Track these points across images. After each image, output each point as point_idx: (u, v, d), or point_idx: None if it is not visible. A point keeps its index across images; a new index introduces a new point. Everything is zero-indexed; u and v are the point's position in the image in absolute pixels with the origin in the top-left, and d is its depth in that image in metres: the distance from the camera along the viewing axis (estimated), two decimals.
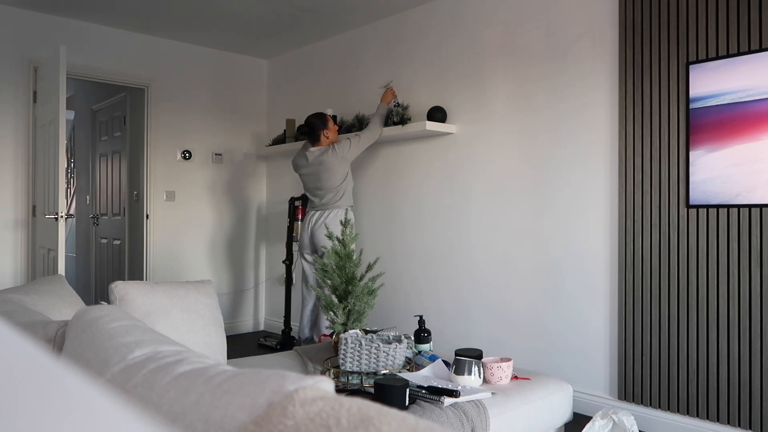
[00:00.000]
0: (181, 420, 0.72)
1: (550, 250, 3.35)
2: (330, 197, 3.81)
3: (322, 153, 3.80)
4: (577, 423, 2.94)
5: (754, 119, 2.58)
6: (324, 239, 3.70)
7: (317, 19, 4.43)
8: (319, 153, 3.81)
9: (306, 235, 3.93)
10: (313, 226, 3.87)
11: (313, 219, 3.88)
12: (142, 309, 2.09)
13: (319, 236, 3.80)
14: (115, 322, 1.10)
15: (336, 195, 3.81)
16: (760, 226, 2.56)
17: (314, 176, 3.84)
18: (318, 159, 3.80)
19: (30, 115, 4.23)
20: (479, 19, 3.74)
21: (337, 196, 3.81)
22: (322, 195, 3.84)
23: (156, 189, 4.88)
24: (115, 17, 4.41)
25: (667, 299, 2.85)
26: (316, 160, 3.81)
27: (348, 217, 3.61)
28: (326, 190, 3.81)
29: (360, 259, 2.84)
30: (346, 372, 2.29)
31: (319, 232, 3.79)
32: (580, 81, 3.23)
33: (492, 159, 3.65)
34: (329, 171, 3.76)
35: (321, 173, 3.79)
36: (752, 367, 2.58)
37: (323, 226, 3.74)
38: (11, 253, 4.19)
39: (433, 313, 3.98)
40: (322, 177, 3.79)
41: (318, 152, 3.82)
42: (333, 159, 3.76)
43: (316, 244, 3.84)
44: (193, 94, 5.06)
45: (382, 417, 0.58)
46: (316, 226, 3.84)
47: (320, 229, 3.78)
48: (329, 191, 3.80)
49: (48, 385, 0.26)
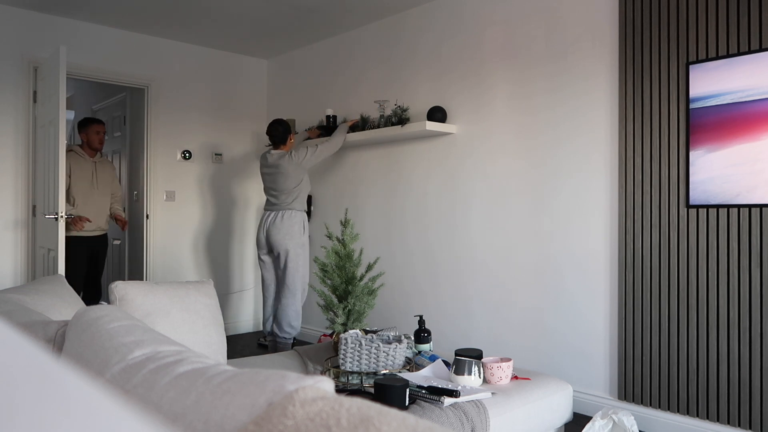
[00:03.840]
0: (181, 420, 0.72)
1: (550, 249, 3.35)
2: (283, 199, 4.08)
3: (280, 157, 4.08)
4: (577, 423, 2.94)
5: (754, 119, 2.58)
6: (279, 239, 4.01)
7: (317, 19, 4.43)
8: (278, 157, 4.09)
9: (262, 235, 4.17)
10: (268, 227, 4.12)
11: (269, 219, 4.13)
12: (142, 309, 2.09)
13: (273, 236, 4.05)
14: (115, 322, 1.10)
15: (289, 197, 4.07)
16: (760, 226, 2.56)
17: (271, 178, 4.12)
18: (276, 162, 4.08)
19: (30, 115, 4.23)
20: (479, 19, 3.74)
21: (290, 198, 4.07)
22: (276, 196, 4.11)
23: (156, 189, 4.88)
24: (115, 17, 4.41)
25: (667, 299, 2.85)
26: (275, 163, 4.09)
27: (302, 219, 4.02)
28: (280, 192, 4.08)
29: (360, 259, 2.84)
30: (346, 372, 2.29)
31: (273, 232, 4.05)
32: (580, 81, 3.23)
33: (492, 159, 3.65)
34: (284, 175, 4.04)
35: (277, 176, 4.07)
36: (752, 367, 2.58)
37: (278, 226, 4.02)
38: (11, 253, 4.19)
39: (433, 313, 3.98)
40: (277, 180, 4.07)
41: (277, 156, 4.11)
42: (289, 165, 4.03)
43: (272, 243, 4.08)
44: (193, 94, 5.06)
45: (382, 417, 0.58)
46: (270, 227, 4.09)
47: (273, 229, 4.05)
48: (282, 193, 4.07)
49: (48, 385, 0.26)
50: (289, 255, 4.04)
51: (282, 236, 4.03)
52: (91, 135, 4.38)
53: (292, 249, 4.04)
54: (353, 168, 4.62)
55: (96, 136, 4.40)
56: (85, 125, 4.41)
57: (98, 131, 4.41)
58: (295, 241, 4.05)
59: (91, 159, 4.40)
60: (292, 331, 4.11)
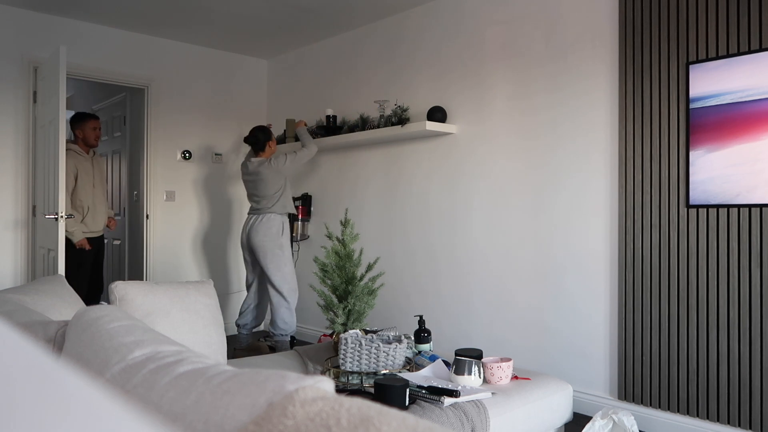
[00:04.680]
0: (181, 420, 0.72)
1: (550, 249, 3.35)
2: (264, 203, 4.22)
3: (260, 164, 4.22)
4: (577, 423, 2.94)
5: (754, 119, 2.58)
6: (257, 241, 4.16)
7: (317, 19, 4.43)
8: (258, 164, 4.23)
9: (244, 237, 4.32)
10: (248, 230, 4.26)
11: (249, 222, 4.28)
12: (142, 309, 2.09)
13: (252, 238, 4.19)
14: (115, 322, 1.10)
15: (269, 202, 4.21)
16: (760, 226, 2.56)
17: (252, 184, 4.27)
18: (256, 169, 4.22)
19: (30, 115, 4.23)
20: (479, 20, 3.74)
21: (270, 203, 4.20)
22: (258, 200, 4.25)
23: (156, 189, 4.88)
24: (115, 17, 4.41)
25: (667, 299, 2.85)
26: (255, 170, 4.22)
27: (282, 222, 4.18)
28: (261, 197, 4.22)
29: (360, 259, 2.84)
30: (346, 372, 2.29)
31: (252, 234, 4.20)
32: (580, 81, 3.23)
33: (492, 159, 3.65)
34: (264, 181, 4.18)
35: (257, 182, 4.22)
36: (752, 367, 2.58)
37: (256, 229, 4.17)
38: (11, 253, 4.19)
39: (433, 312, 3.99)
40: (258, 186, 4.22)
41: (257, 163, 4.24)
42: (268, 171, 4.17)
43: (252, 245, 4.22)
44: (193, 94, 5.06)
45: (382, 417, 0.58)
46: (250, 230, 4.23)
47: (253, 232, 4.20)
48: (264, 198, 4.21)
49: (48, 385, 0.26)
50: (268, 256, 4.16)
51: (260, 238, 4.17)
52: (87, 131, 4.28)
53: (270, 250, 4.16)
54: (353, 168, 4.62)
55: (92, 132, 4.30)
56: (80, 121, 4.30)
57: (94, 127, 4.32)
58: (273, 242, 4.16)
59: (89, 156, 4.34)
60: (287, 327, 4.18)
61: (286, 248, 4.24)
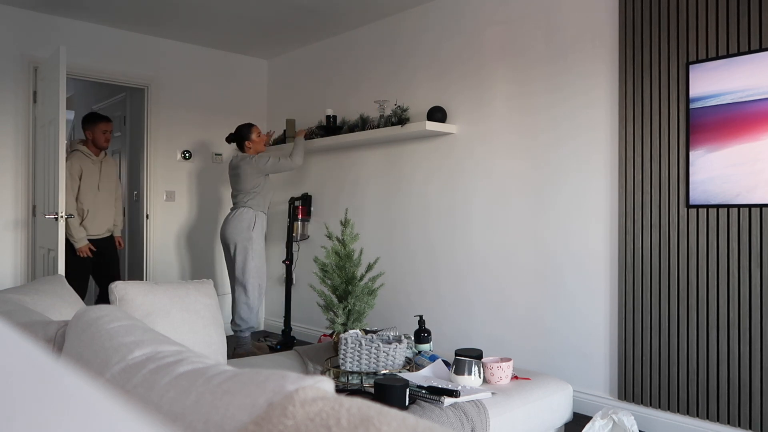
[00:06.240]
0: (181, 420, 0.72)
1: (550, 249, 3.35)
2: (240, 198, 4.31)
3: (241, 159, 4.31)
4: (577, 423, 2.94)
5: (754, 119, 2.58)
6: (228, 234, 4.25)
7: (317, 19, 4.43)
8: (239, 159, 4.32)
9: (220, 231, 4.40)
10: (223, 224, 4.38)
11: (227, 217, 4.37)
12: (142, 309, 2.09)
13: (224, 231, 4.30)
14: (115, 322, 1.10)
15: (245, 197, 4.29)
16: (760, 226, 2.56)
17: (233, 178, 4.37)
18: (237, 164, 4.31)
19: (30, 115, 4.23)
20: (479, 19, 3.74)
21: (246, 198, 4.29)
22: (235, 195, 4.35)
23: (156, 189, 4.88)
24: (116, 17, 4.41)
25: (667, 299, 2.85)
26: (236, 164, 4.33)
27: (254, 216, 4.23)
28: (238, 192, 4.32)
29: (360, 259, 2.84)
30: (346, 372, 2.29)
31: (224, 227, 4.31)
32: (580, 81, 3.23)
33: (492, 159, 3.65)
34: (241, 177, 4.27)
35: (236, 177, 4.31)
36: (752, 367, 2.58)
37: (228, 222, 4.28)
38: (11, 253, 4.19)
39: (433, 312, 3.98)
40: (237, 181, 4.32)
41: (239, 158, 4.34)
42: (248, 167, 4.26)
43: (224, 238, 4.31)
44: (193, 94, 5.06)
45: (382, 417, 0.58)
46: (224, 223, 4.34)
47: (225, 225, 4.31)
48: (240, 193, 4.31)
49: (48, 385, 0.26)
50: (237, 249, 4.21)
51: (230, 231, 4.24)
52: (97, 134, 4.23)
53: (239, 243, 4.20)
54: (353, 168, 4.62)
55: (103, 135, 4.25)
56: (90, 122, 4.25)
57: (105, 130, 4.27)
58: (243, 235, 4.21)
59: (97, 158, 4.28)
60: (243, 323, 4.21)
61: (257, 243, 4.26)
